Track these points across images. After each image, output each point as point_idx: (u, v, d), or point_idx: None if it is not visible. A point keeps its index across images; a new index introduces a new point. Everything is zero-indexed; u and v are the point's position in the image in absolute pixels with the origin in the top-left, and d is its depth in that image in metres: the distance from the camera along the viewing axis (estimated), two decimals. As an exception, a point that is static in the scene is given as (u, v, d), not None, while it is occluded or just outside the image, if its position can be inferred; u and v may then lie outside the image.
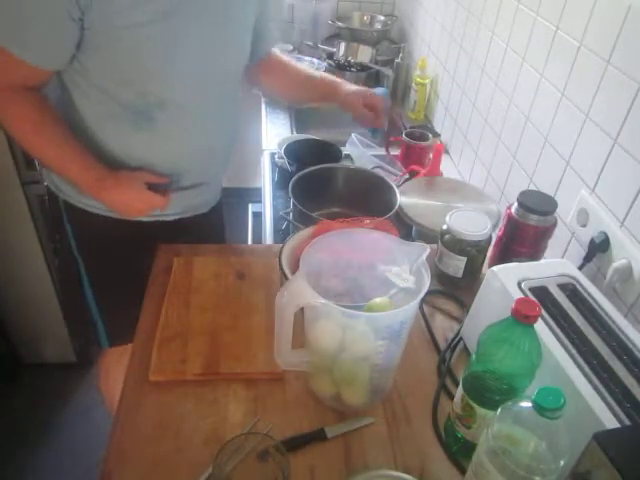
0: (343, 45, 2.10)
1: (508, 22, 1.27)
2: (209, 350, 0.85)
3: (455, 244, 0.99)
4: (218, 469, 0.63)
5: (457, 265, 1.00)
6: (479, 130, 1.45)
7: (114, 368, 1.29)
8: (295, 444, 0.73)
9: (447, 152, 1.68)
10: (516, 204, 0.97)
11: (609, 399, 0.63)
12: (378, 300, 0.76)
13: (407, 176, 1.42)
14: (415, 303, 0.69)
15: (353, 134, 1.63)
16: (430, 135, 1.53)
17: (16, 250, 1.70)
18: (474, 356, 0.68)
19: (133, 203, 1.02)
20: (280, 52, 1.29)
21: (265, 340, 0.86)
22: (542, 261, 0.98)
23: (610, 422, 0.60)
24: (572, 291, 0.80)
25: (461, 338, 0.92)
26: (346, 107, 1.25)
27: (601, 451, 0.50)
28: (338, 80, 1.28)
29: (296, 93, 1.33)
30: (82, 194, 1.04)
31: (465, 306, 0.98)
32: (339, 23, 2.22)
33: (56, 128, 0.97)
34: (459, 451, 0.74)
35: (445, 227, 1.00)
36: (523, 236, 0.97)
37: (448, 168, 1.58)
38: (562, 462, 0.53)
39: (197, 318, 0.91)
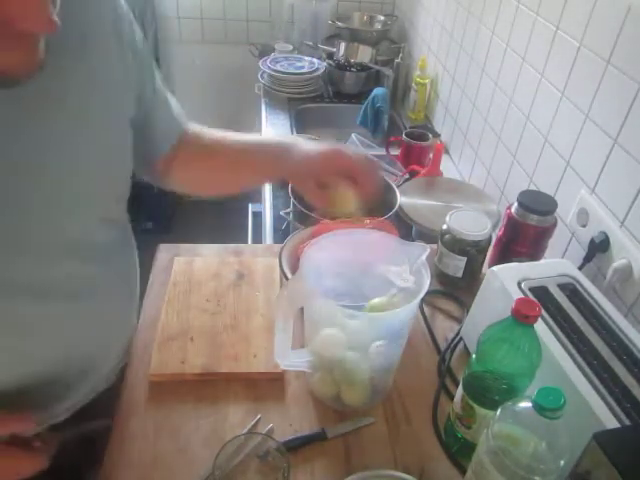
0: (343, 45, 2.09)
1: (508, 22, 1.27)
2: (209, 350, 0.85)
3: (455, 244, 0.99)
4: (218, 469, 0.63)
5: (457, 265, 1.00)
6: (479, 130, 1.45)
7: None
8: (295, 444, 0.73)
9: (447, 152, 1.68)
10: (516, 204, 0.97)
11: (609, 399, 0.63)
12: (378, 300, 0.76)
13: (407, 176, 1.42)
14: (415, 303, 0.69)
15: (353, 134, 1.63)
16: (430, 135, 1.54)
17: None
18: (474, 356, 0.68)
19: None
20: (209, 132, 0.88)
21: (265, 340, 0.86)
22: (542, 261, 0.98)
23: (610, 422, 0.60)
24: (572, 291, 0.80)
25: (461, 338, 0.92)
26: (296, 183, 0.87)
27: (601, 451, 0.50)
28: (293, 143, 0.83)
29: (226, 177, 0.91)
30: None
31: (465, 306, 0.98)
32: (339, 23, 2.22)
33: None
34: (459, 451, 0.74)
35: (445, 227, 1.00)
36: (523, 236, 0.97)
37: (448, 168, 1.58)
38: (562, 462, 0.53)
39: (197, 318, 0.91)
